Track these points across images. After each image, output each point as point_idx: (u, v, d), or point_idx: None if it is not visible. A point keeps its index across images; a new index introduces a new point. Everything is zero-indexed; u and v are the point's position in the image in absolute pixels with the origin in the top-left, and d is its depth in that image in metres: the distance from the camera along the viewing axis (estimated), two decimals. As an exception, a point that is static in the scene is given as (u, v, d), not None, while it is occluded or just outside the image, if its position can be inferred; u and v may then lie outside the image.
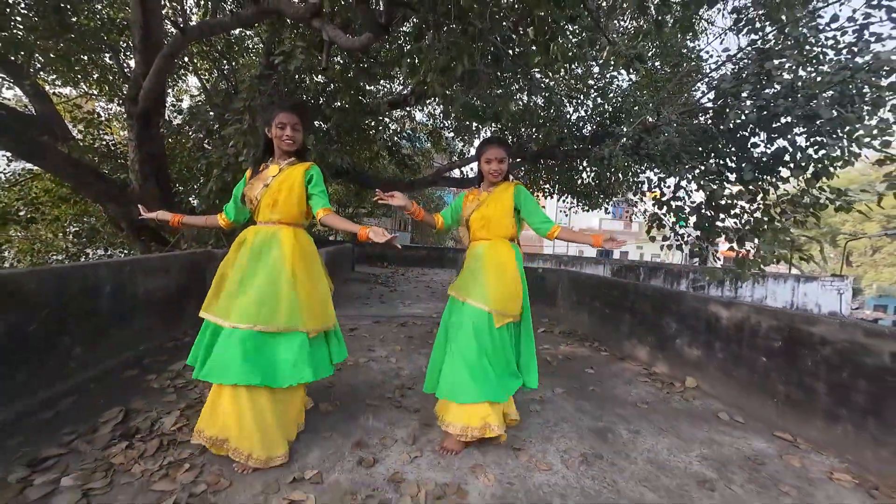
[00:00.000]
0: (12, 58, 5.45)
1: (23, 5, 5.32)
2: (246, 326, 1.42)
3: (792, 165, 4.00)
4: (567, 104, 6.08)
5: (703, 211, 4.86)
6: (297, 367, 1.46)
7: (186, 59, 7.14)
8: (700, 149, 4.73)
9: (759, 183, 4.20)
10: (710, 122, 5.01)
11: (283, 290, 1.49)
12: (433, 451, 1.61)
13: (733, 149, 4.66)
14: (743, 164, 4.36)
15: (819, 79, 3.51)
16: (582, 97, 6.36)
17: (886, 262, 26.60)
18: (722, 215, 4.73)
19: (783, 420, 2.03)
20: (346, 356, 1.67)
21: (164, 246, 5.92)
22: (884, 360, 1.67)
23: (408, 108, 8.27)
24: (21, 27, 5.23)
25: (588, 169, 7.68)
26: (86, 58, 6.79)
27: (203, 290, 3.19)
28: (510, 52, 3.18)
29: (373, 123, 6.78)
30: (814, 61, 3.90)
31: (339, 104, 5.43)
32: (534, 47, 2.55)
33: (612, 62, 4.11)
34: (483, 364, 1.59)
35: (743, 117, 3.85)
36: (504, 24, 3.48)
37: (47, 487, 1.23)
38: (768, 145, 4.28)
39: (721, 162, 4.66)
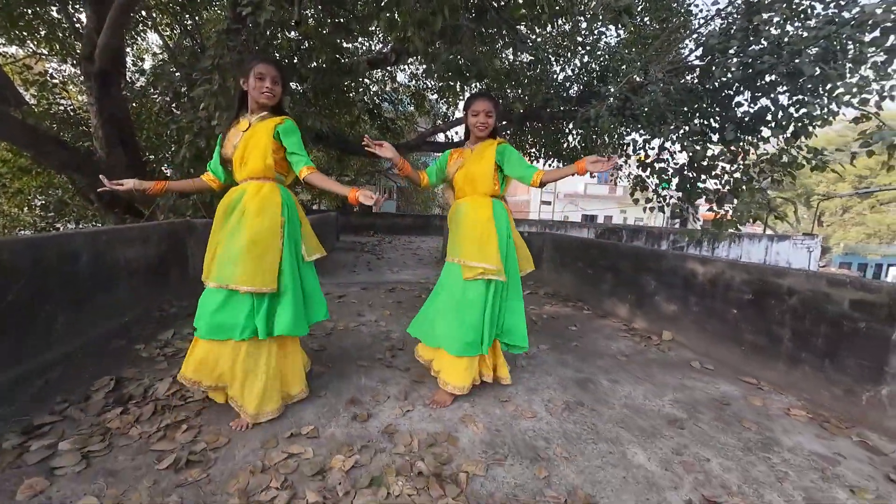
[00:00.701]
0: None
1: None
2: (212, 285, 1.47)
3: (773, 125, 4.04)
4: (553, 63, 5.89)
5: (685, 172, 4.92)
6: (236, 324, 1.45)
7: (144, 13, 6.56)
8: (685, 109, 4.71)
9: (741, 143, 4.25)
10: (695, 80, 4.97)
11: (236, 246, 1.45)
12: (424, 406, 1.69)
13: (717, 109, 4.66)
14: (726, 125, 4.38)
15: (805, 34, 3.48)
16: (569, 55, 6.17)
17: (854, 222, 27.77)
18: (703, 176, 4.81)
19: (749, 366, 2.18)
20: (290, 332, 1.50)
21: (139, 218, 5.71)
22: (843, 308, 1.79)
23: (388, 68, 7.90)
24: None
25: (574, 132, 7.59)
26: (30, 12, 6.17)
27: (185, 262, 3.10)
28: (494, 3, 3.02)
29: (352, 84, 6.47)
30: (801, 16, 3.84)
31: (315, 64, 5.13)
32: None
33: (601, 16, 3.95)
34: (446, 316, 1.70)
35: (729, 75, 3.82)
36: (488, -27, 3.28)
37: (45, 452, 1.25)
38: (752, 105, 4.29)
39: (705, 122, 4.67)
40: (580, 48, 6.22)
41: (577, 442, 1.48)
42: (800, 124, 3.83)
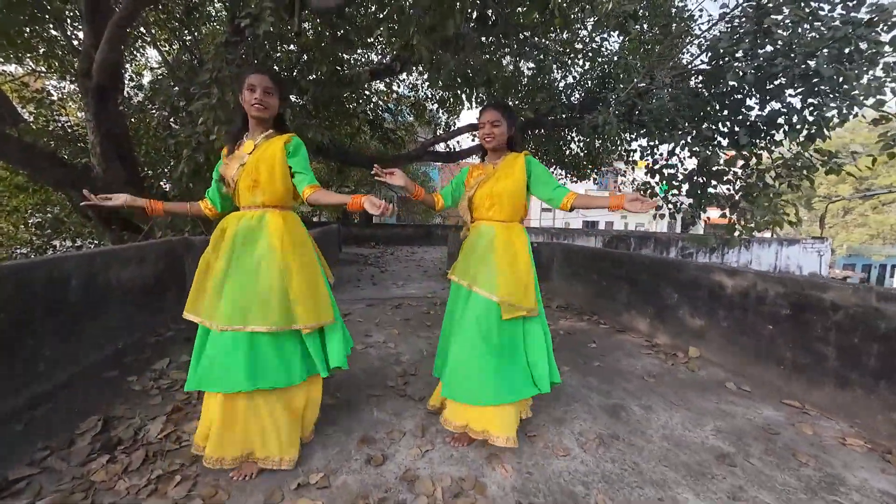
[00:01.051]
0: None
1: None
2: (238, 327, 1.27)
3: (786, 128, 3.94)
4: (555, 70, 5.82)
5: (695, 178, 4.81)
6: (292, 367, 1.33)
7: (143, 29, 6.53)
8: (692, 113, 4.62)
9: (753, 148, 4.14)
10: (701, 85, 4.89)
11: (275, 284, 1.33)
12: (444, 443, 1.53)
13: (725, 113, 4.57)
14: (737, 129, 4.28)
15: (816, 35, 3.39)
16: (570, 62, 6.11)
17: (857, 223, 27.65)
18: (714, 182, 4.70)
19: (790, 387, 2.02)
20: (344, 364, 1.42)
21: (137, 234, 5.59)
22: (898, 324, 1.64)
23: (388, 80, 7.85)
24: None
25: (576, 139, 7.51)
26: (28, 30, 6.13)
27: (183, 281, 2.94)
28: (500, 10, 2.93)
29: (353, 96, 6.41)
30: (809, 18, 3.76)
31: (315, 76, 5.06)
32: (528, 1, 2.32)
33: (605, 22, 3.88)
34: (488, 363, 1.43)
35: (739, 77, 3.72)
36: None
37: (18, 515, 1.10)
38: (762, 108, 4.19)
39: (713, 127, 4.57)
40: (580, 55, 6.17)
41: (619, 486, 1.32)
42: (814, 127, 3.73)
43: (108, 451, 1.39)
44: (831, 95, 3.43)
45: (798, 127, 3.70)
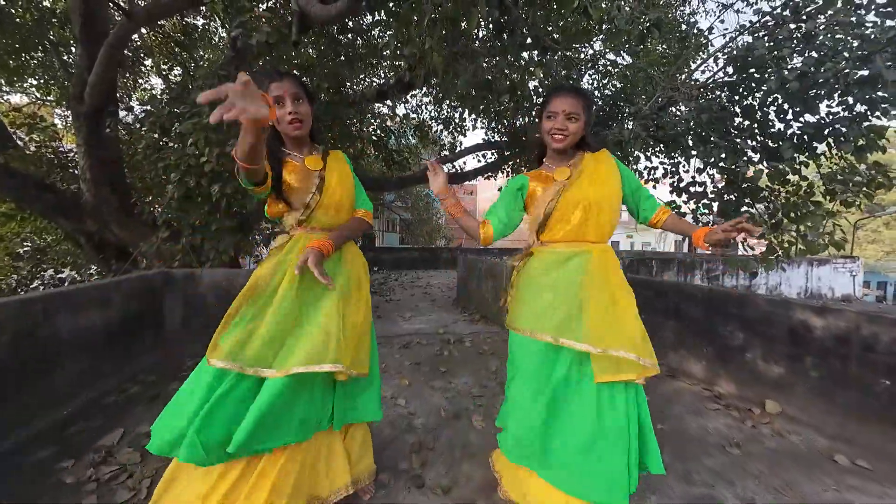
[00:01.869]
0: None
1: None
2: (302, 369, 1.01)
3: (831, 140, 3.57)
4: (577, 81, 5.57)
5: (725, 196, 4.43)
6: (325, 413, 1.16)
7: (143, 54, 6.42)
8: (724, 127, 4.29)
9: (794, 161, 3.77)
10: (726, 98, 4.58)
11: (337, 321, 1.11)
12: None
13: (756, 126, 4.23)
14: (770, 143, 3.94)
15: (868, 39, 3.07)
16: (590, 76, 5.87)
17: (869, 240, 27.08)
18: (748, 199, 4.31)
19: (924, 463, 1.55)
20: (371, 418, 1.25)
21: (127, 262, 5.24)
22: None
23: (393, 102, 7.68)
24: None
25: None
26: (27, 56, 6.02)
27: (160, 322, 2.50)
28: (518, 14, 2.63)
29: (357, 116, 6.18)
30: (853, 22, 3.46)
31: (318, 97, 4.82)
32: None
33: (628, 31, 3.62)
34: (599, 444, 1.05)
35: (780, 86, 3.38)
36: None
37: None
38: (797, 119, 3.85)
39: (742, 140, 4.23)
40: (593, 70, 5.95)
41: None
42: (866, 138, 3.36)
43: None
44: (890, 100, 3.07)
45: (850, 138, 3.33)
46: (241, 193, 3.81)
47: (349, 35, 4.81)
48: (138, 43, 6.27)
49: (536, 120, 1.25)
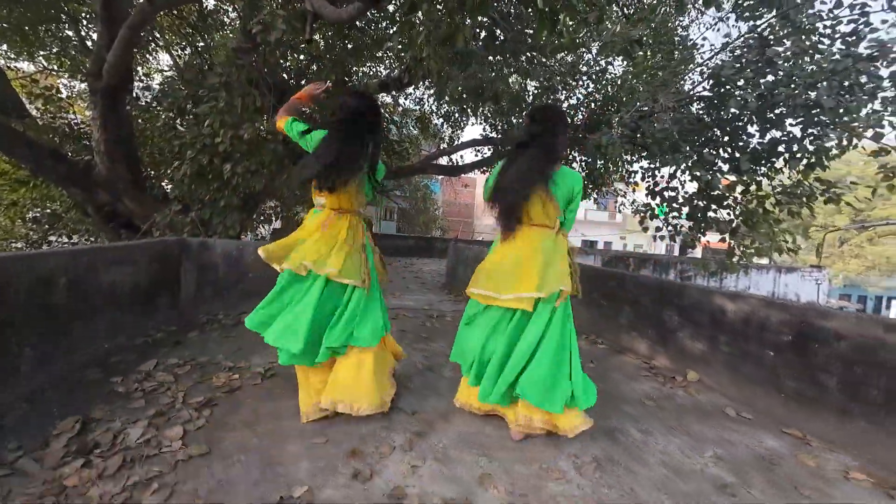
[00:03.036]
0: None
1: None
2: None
3: (786, 156, 3.98)
4: (560, 90, 5.92)
5: (695, 202, 4.83)
6: None
7: (157, 33, 6.64)
8: (695, 138, 4.67)
9: (753, 174, 4.17)
10: (703, 111, 4.96)
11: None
12: (435, 460, 1.47)
13: (726, 139, 4.62)
14: (739, 155, 4.33)
15: (817, 68, 3.46)
16: (575, 83, 6.21)
17: (853, 254, 27.78)
18: (714, 206, 4.72)
19: (792, 416, 1.97)
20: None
21: (135, 233, 5.56)
22: (903, 356, 1.61)
23: (395, 93, 7.98)
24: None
25: (579, 159, 7.58)
26: (43, 28, 6.22)
27: (176, 283, 2.89)
28: (509, 28, 2.98)
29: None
30: (810, 51, 3.85)
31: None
32: (538, 20, 2.37)
33: (611, 45, 3.96)
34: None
35: (742, 104, 3.77)
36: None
37: (-18, 519, 1.04)
38: (763, 136, 4.25)
39: (714, 152, 4.62)
40: (585, 77, 6.29)
41: (616, 513, 1.26)
42: (813, 156, 3.77)
43: (83, 454, 1.33)
44: (831, 126, 3.47)
45: (798, 155, 3.74)
46: (251, 173, 4.15)
47: (356, 28, 5.10)
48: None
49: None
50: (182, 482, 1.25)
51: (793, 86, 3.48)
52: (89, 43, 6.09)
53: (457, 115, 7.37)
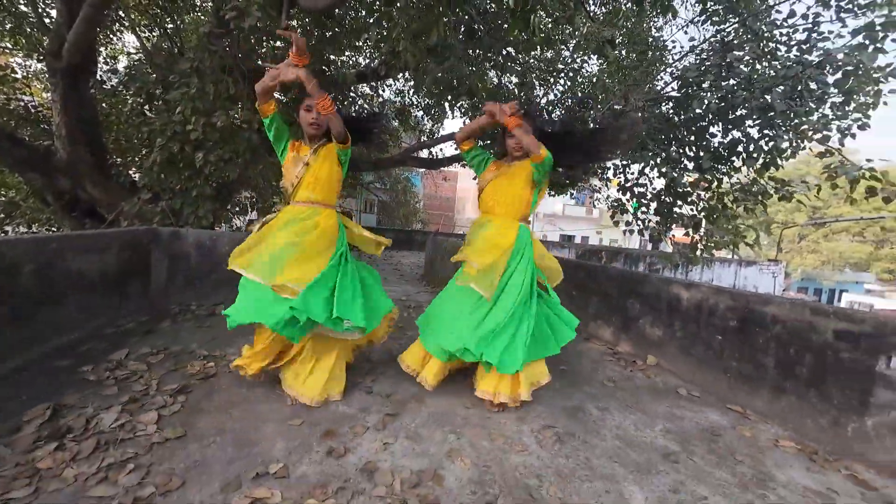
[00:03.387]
0: None
1: None
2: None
3: (744, 156, 4.24)
4: (538, 86, 6.04)
5: (662, 198, 5.07)
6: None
7: (123, 13, 6.32)
8: (663, 137, 4.89)
9: (715, 172, 4.43)
10: (671, 111, 5.19)
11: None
12: (407, 437, 1.56)
13: (692, 138, 4.86)
14: (701, 153, 4.56)
15: (773, 73, 3.69)
16: (552, 81, 6.35)
17: (810, 249, 29.61)
18: (679, 202, 4.97)
19: (734, 394, 2.17)
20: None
21: (100, 223, 5.35)
22: (827, 338, 1.81)
23: (374, 83, 7.90)
24: None
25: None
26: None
27: (146, 273, 2.87)
28: (484, 25, 3.04)
29: (338, 97, 6.40)
30: (768, 56, 4.09)
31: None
32: (511, 19, 2.45)
33: (584, 45, 4.10)
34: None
35: (704, 106, 3.99)
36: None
37: (-47, 500, 1.05)
38: (724, 136, 4.50)
39: (680, 150, 4.85)
40: (561, 75, 6.43)
41: (571, 479, 1.39)
42: (769, 156, 4.03)
43: (56, 438, 1.34)
44: (784, 128, 3.72)
45: (755, 155, 3.99)
46: (224, 162, 4.07)
47: (334, 18, 5.03)
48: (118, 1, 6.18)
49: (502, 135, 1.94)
50: (157, 463, 1.29)
51: (748, 90, 3.71)
52: (48, 21, 5.74)
53: (436, 108, 7.39)
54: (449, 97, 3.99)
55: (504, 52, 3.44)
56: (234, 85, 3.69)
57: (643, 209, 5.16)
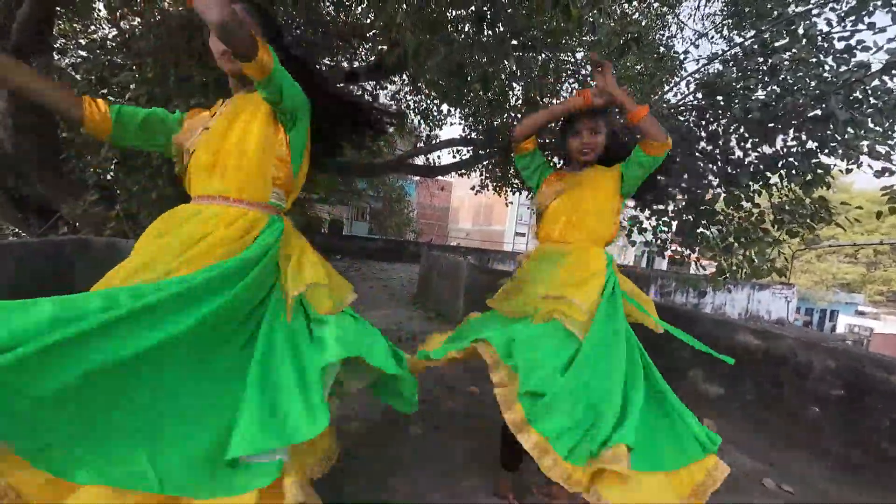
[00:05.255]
0: None
1: None
2: None
3: (784, 171, 3.76)
4: (545, 89, 5.57)
5: (684, 216, 4.59)
6: None
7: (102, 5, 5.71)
8: (683, 149, 4.43)
9: (749, 189, 3.95)
10: (693, 122, 4.74)
11: None
12: None
13: (717, 151, 4.40)
14: (735, 170, 4.09)
15: (829, 77, 3.23)
16: (560, 84, 5.89)
17: (802, 270, 29.69)
18: (704, 221, 4.48)
19: (840, 490, 1.60)
20: None
21: (46, 223, 4.68)
22: None
23: (368, 83, 7.40)
24: None
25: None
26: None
27: (69, 290, 2.18)
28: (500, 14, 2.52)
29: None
30: (813, 61, 3.65)
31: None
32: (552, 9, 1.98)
33: (609, 44, 3.66)
34: None
35: (744, 114, 3.51)
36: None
37: None
38: (756, 149, 4.03)
39: (704, 164, 4.39)
40: (572, 80, 5.99)
41: None
42: (818, 172, 3.55)
43: None
44: (839, 140, 3.25)
45: (801, 171, 3.51)
46: (187, 160, 3.46)
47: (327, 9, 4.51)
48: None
49: (564, 142, 1.42)
50: None
51: (803, 96, 3.24)
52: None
53: (435, 112, 6.90)
54: (457, 90, 3.46)
55: (519, 41, 2.93)
56: (198, 66, 3.11)
57: (663, 228, 4.67)
